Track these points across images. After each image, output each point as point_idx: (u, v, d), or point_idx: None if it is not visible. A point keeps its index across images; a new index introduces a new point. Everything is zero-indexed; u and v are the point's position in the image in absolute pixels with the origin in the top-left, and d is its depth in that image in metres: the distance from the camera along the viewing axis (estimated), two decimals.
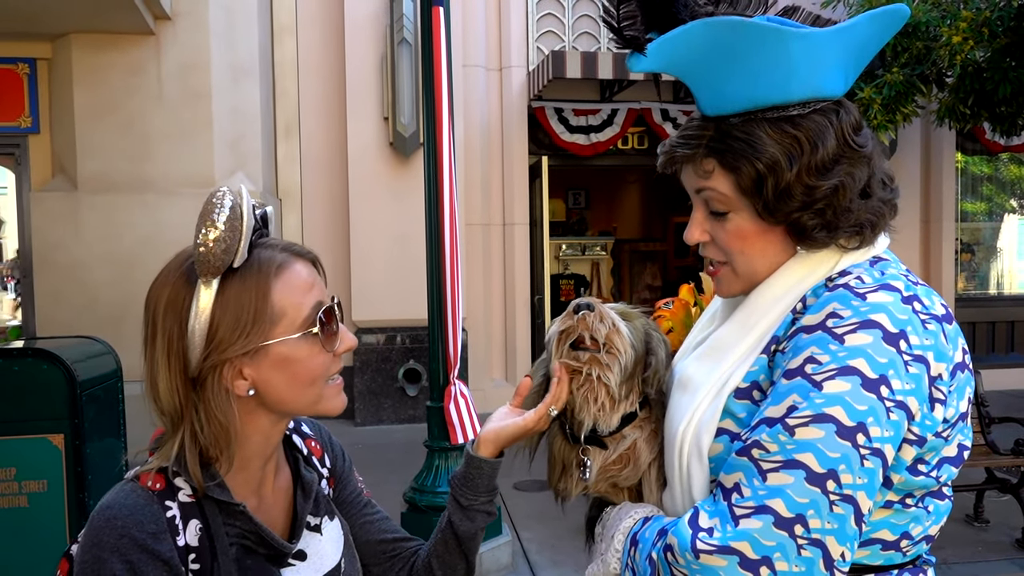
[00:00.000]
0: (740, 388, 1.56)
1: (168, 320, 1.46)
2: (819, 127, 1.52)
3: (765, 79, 1.51)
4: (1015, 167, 13.15)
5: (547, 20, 11.24)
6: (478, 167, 11.02)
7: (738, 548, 1.36)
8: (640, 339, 1.74)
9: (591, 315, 1.70)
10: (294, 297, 1.49)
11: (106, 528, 1.39)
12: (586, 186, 18.02)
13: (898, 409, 1.39)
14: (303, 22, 10.58)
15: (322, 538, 1.69)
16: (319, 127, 10.68)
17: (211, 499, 1.48)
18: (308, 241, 10.69)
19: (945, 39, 7.31)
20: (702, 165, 1.59)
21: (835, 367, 1.40)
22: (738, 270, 1.64)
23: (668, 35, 1.52)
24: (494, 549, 5.71)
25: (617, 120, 11.38)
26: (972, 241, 13.03)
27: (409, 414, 10.48)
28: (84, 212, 8.47)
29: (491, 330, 11.35)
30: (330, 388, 1.57)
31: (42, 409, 4.73)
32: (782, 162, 1.51)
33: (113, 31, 8.43)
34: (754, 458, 1.41)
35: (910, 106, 8.09)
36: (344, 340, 1.57)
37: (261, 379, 1.49)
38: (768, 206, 1.53)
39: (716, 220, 1.62)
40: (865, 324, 1.42)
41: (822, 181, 1.51)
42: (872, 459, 1.37)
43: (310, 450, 1.80)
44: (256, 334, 1.45)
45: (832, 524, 1.36)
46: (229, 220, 1.41)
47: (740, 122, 1.54)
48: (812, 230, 1.54)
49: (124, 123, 8.58)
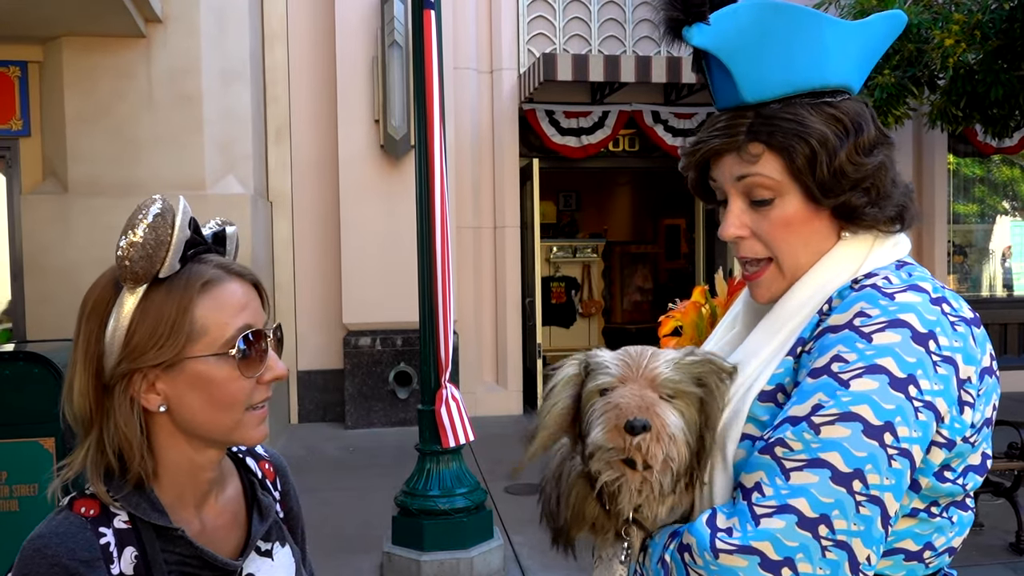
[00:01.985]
0: (764, 391, 1.52)
1: (91, 322, 1.44)
2: (857, 111, 1.53)
3: (802, 63, 1.51)
4: (1007, 169, 13.16)
5: (538, 22, 11.25)
6: (469, 170, 11.02)
7: (759, 548, 1.33)
8: (696, 426, 1.50)
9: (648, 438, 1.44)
10: (219, 316, 1.43)
11: (36, 557, 1.35)
12: (577, 188, 18.03)
13: (926, 410, 1.37)
14: (294, 25, 10.57)
15: (273, 563, 1.62)
16: (310, 130, 10.67)
17: (148, 524, 1.42)
18: (299, 244, 10.71)
19: (937, 41, 7.31)
20: (748, 150, 1.53)
21: (862, 365, 1.37)
22: (783, 264, 1.57)
23: (723, 9, 1.52)
24: (485, 553, 5.70)
25: (608, 122, 11.39)
26: (964, 243, 13.05)
27: (400, 417, 10.47)
28: (75, 215, 8.43)
29: (482, 333, 11.35)
30: (250, 416, 1.49)
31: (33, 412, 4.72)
32: (832, 140, 1.49)
33: (104, 34, 8.39)
34: (777, 457, 1.38)
35: (902, 108, 8.09)
36: (271, 368, 1.50)
37: (175, 396, 1.43)
38: (823, 185, 1.50)
39: (757, 211, 1.56)
40: (894, 323, 1.40)
41: (869, 160, 1.51)
42: (900, 459, 1.35)
43: (264, 473, 1.74)
44: (171, 347, 1.40)
45: (858, 526, 1.33)
46: (152, 228, 1.37)
47: (782, 107, 1.52)
48: (863, 207, 1.52)
49: (114, 127, 8.55)
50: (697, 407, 1.50)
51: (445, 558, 5.57)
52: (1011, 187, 13.35)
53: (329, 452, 9.45)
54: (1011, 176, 13.25)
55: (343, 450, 9.53)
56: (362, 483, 8.09)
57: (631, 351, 1.54)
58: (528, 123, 11.28)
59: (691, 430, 1.48)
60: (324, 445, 9.72)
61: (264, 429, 1.53)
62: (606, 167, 12.87)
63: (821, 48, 1.51)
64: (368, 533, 6.46)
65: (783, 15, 1.50)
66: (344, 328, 10.58)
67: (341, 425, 10.60)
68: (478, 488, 5.83)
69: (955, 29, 7.23)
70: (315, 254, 10.74)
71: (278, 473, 1.78)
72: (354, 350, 10.50)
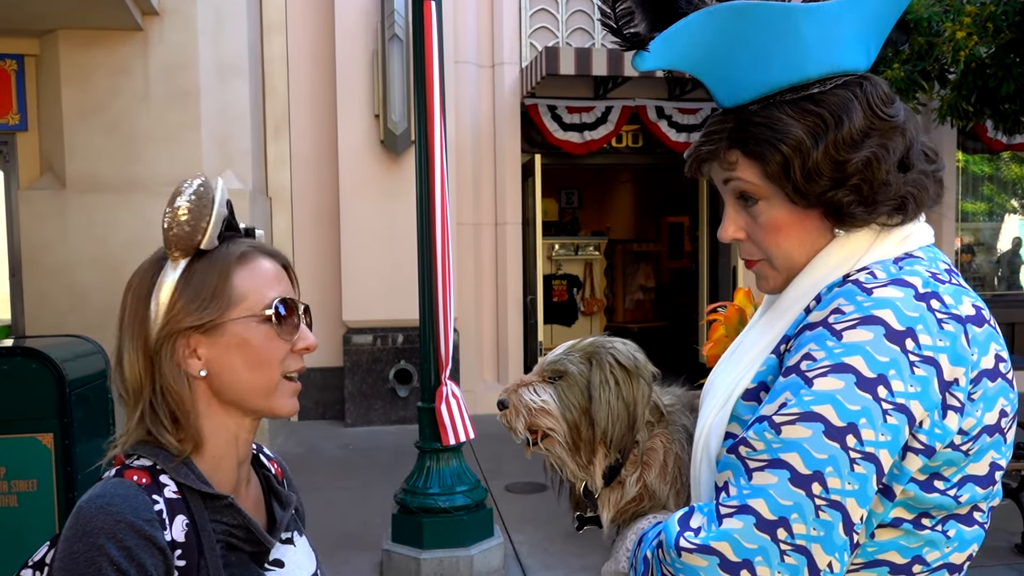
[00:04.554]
0: (748, 389, 1.50)
1: (137, 295, 1.52)
2: (842, 100, 1.44)
3: (778, 61, 1.44)
4: (1016, 166, 13.10)
5: (540, 16, 11.20)
6: (470, 165, 10.97)
7: (718, 549, 1.31)
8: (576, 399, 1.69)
9: (508, 414, 1.71)
10: (256, 284, 1.54)
11: (99, 514, 1.35)
12: (579, 185, 18.00)
13: (897, 412, 1.30)
14: (292, 19, 10.53)
15: (296, 549, 1.69)
16: (309, 125, 10.63)
17: (196, 494, 1.46)
18: (298, 240, 10.68)
19: (948, 35, 7.23)
20: (726, 157, 1.52)
21: (828, 364, 1.33)
22: (776, 263, 1.55)
23: (670, 30, 1.45)
24: (485, 552, 5.68)
25: (611, 118, 11.34)
26: (972, 241, 13.00)
27: (400, 415, 10.44)
28: (72, 211, 8.40)
29: (482, 331, 11.31)
30: (286, 385, 1.58)
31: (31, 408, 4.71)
32: (806, 141, 1.43)
33: (100, 27, 8.36)
34: (741, 456, 1.37)
35: (911, 103, 8.02)
36: (304, 338, 1.59)
37: (216, 359, 1.51)
38: (798, 188, 1.45)
39: (749, 213, 1.54)
40: (866, 320, 1.34)
41: (852, 155, 1.42)
42: (863, 464, 1.30)
43: (275, 471, 1.80)
44: (213, 309, 1.49)
45: (818, 531, 1.29)
46: (197, 199, 1.48)
47: (759, 108, 1.47)
48: (848, 207, 1.44)
49: (112, 122, 8.52)
50: (581, 383, 1.68)
51: (445, 556, 5.55)
52: (1020, 185, 13.30)
53: (329, 450, 9.42)
54: (1020, 174, 13.19)
55: (343, 448, 9.50)
56: (362, 481, 8.06)
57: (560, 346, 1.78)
58: (530, 118, 11.24)
59: (565, 402, 1.67)
60: (323, 443, 9.69)
61: (295, 403, 1.61)
62: (609, 163, 12.85)
63: (797, 41, 1.43)
64: (368, 531, 6.44)
65: (745, 16, 1.42)
66: (344, 325, 10.55)
67: (341, 423, 10.58)
68: (478, 486, 5.80)
69: (967, 22, 7.14)
70: (314, 251, 10.70)
71: (284, 474, 1.85)
72: (354, 348, 10.46)
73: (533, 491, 7.61)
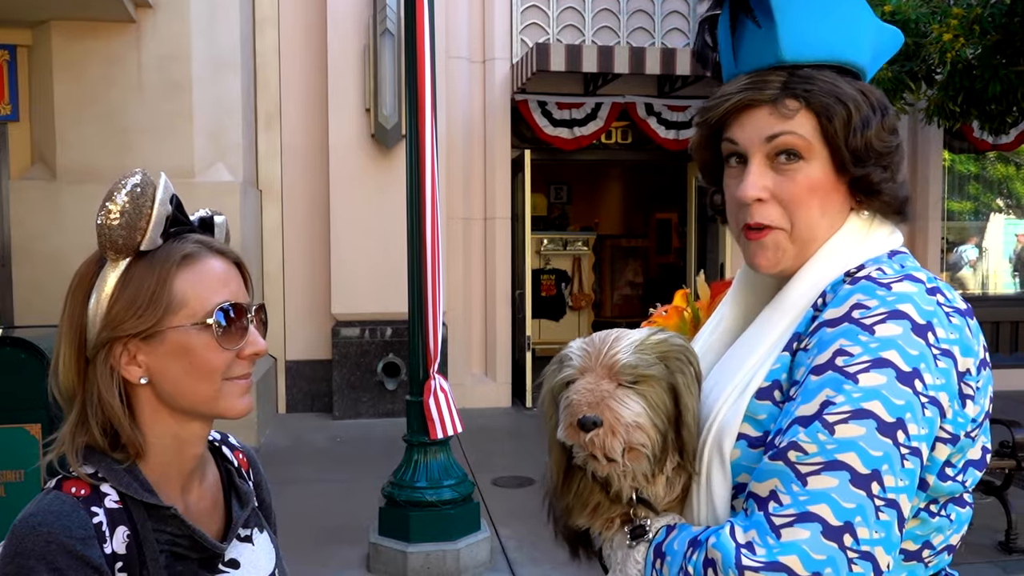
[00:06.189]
0: (762, 388, 1.47)
1: (76, 296, 1.48)
2: (880, 94, 1.54)
3: (843, 33, 1.52)
4: (1001, 166, 13.16)
5: (531, 12, 11.20)
6: (460, 160, 10.98)
7: (787, 564, 1.24)
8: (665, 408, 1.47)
9: (601, 434, 1.42)
10: (198, 289, 1.46)
11: (31, 535, 1.33)
12: (568, 181, 17.99)
13: (932, 405, 1.33)
14: (285, 12, 10.51)
15: (254, 548, 1.64)
16: (300, 119, 10.62)
17: (139, 504, 1.42)
18: (288, 233, 10.67)
19: (935, 36, 7.26)
20: (785, 104, 1.48)
21: (868, 359, 1.32)
22: (797, 229, 1.51)
23: None
24: (472, 546, 5.69)
25: (601, 114, 11.36)
26: (958, 240, 13.05)
27: (388, 408, 10.44)
28: (63, 202, 8.38)
29: (471, 324, 11.32)
30: (231, 386, 1.50)
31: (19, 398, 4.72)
32: (865, 110, 1.49)
33: (94, 19, 8.34)
34: (791, 461, 1.31)
35: (898, 103, 8.06)
36: (252, 343, 1.51)
37: (155, 367, 1.46)
38: (856, 152, 1.48)
39: (783, 172, 1.50)
40: (893, 314, 1.35)
41: (892, 140, 1.52)
42: (912, 459, 1.30)
43: (239, 462, 1.74)
44: (150, 316, 1.42)
45: (879, 533, 1.27)
46: (131, 200, 1.41)
47: (816, 72, 1.50)
48: (881, 183, 1.51)
49: (104, 113, 8.51)
50: (665, 387, 1.47)
51: (432, 550, 5.56)
52: (1006, 184, 13.35)
53: (316, 442, 9.42)
54: (1006, 173, 13.24)
55: (330, 440, 9.51)
56: (349, 474, 8.07)
57: (595, 338, 1.51)
58: (520, 114, 11.25)
59: (658, 412, 1.45)
60: (311, 435, 9.69)
61: (248, 401, 1.54)
62: (598, 159, 12.84)
63: (858, 25, 1.54)
64: (355, 524, 6.44)
65: None
66: (332, 318, 10.55)
67: (329, 415, 10.57)
68: (465, 480, 5.81)
69: (953, 24, 7.18)
70: (304, 243, 10.69)
71: (251, 464, 1.80)
72: (342, 340, 10.46)
73: (520, 485, 7.64)
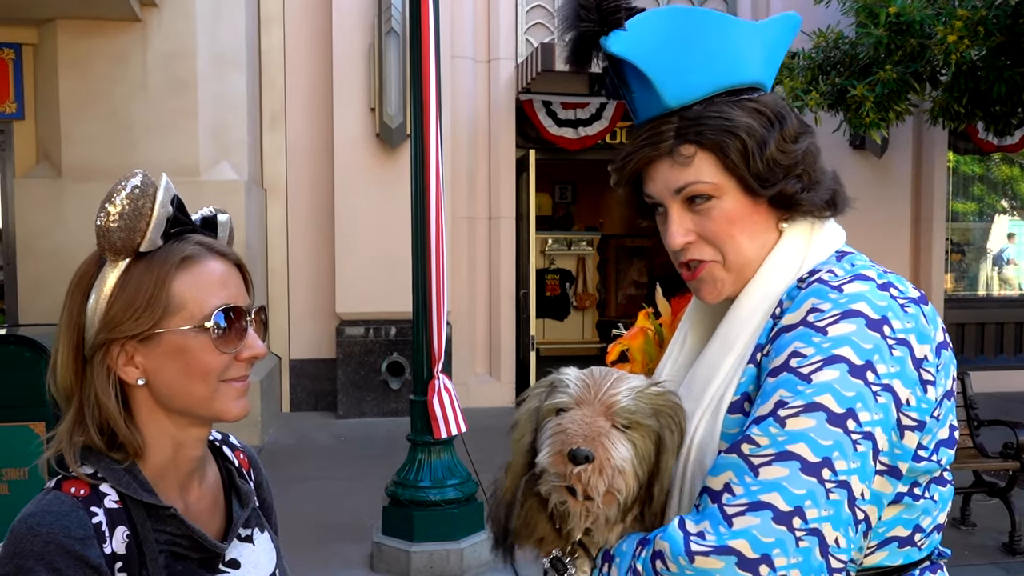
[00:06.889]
0: (733, 402, 1.53)
1: (75, 295, 1.48)
2: (776, 102, 1.58)
3: (720, 62, 1.56)
4: (1006, 167, 13.14)
5: (536, 12, 11.22)
6: (465, 160, 10.99)
7: (736, 547, 1.30)
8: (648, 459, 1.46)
9: (590, 470, 1.40)
10: (197, 291, 1.46)
11: (29, 536, 1.33)
12: (573, 181, 18.00)
13: (885, 392, 1.38)
14: (290, 11, 10.53)
15: (255, 548, 1.64)
16: (305, 117, 10.63)
17: (138, 504, 1.43)
18: (293, 231, 10.68)
19: (940, 37, 7.23)
20: (680, 152, 1.54)
21: (820, 358, 1.38)
22: (729, 260, 1.58)
23: (635, 18, 1.56)
24: (475, 545, 5.68)
25: (606, 114, 11.36)
26: (962, 241, 13.02)
27: (392, 407, 10.45)
28: (68, 200, 8.40)
29: (475, 324, 11.33)
30: (227, 388, 1.49)
31: (23, 396, 4.72)
32: (760, 131, 1.53)
33: (99, 17, 8.36)
34: (744, 455, 1.37)
35: (903, 104, 8.03)
36: (251, 346, 1.51)
37: (152, 368, 1.45)
38: (759, 176, 1.53)
39: (699, 212, 1.57)
40: (847, 314, 1.41)
41: (796, 147, 1.55)
42: (864, 443, 1.36)
43: (239, 462, 1.75)
44: (147, 318, 1.42)
45: (828, 511, 1.32)
46: (131, 201, 1.40)
47: (704, 107, 1.54)
48: (797, 194, 1.55)
49: (109, 111, 8.52)
50: (653, 440, 1.47)
51: (435, 549, 5.56)
52: (1010, 186, 13.33)
53: (320, 441, 9.43)
54: (1011, 174, 13.22)
55: (334, 439, 9.51)
56: (353, 473, 8.07)
57: (595, 372, 1.50)
58: (525, 114, 11.25)
59: (642, 463, 1.45)
60: (315, 434, 9.70)
61: (244, 404, 1.54)
62: (603, 159, 12.75)
63: (734, 47, 1.56)
64: (358, 523, 6.43)
65: (693, 18, 1.57)
66: (337, 317, 10.56)
67: (333, 414, 10.58)
68: (469, 479, 5.81)
69: (958, 25, 7.15)
70: (309, 242, 10.71)
71: (252, 464, 1.80)
72: (347, 339, 10.48)
73: None
